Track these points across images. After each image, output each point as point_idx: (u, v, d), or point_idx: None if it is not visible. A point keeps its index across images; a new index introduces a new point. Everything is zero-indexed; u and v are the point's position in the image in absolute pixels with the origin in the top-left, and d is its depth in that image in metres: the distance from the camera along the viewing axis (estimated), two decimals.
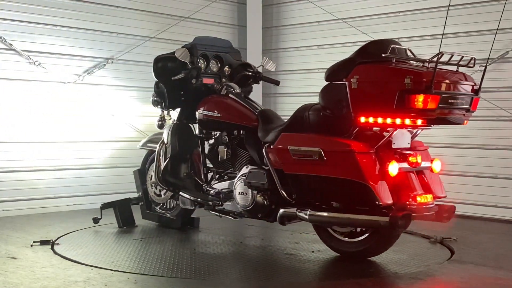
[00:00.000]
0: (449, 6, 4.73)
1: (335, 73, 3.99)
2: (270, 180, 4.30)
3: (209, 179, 4.98)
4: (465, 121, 3.99)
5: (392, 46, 3.83)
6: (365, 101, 3.80)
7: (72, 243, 4.73)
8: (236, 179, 4.58)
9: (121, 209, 5.34)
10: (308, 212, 4.07)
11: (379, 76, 3.78)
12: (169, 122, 5.17)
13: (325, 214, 4.04)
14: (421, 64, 3.82)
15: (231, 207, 4.65)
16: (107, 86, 6.67)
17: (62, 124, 6.35)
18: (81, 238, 4.92)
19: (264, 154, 4.28)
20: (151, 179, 5.39)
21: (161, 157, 5.06)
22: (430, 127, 3.99)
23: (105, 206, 5.31)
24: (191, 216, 5.36)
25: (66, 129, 6.36)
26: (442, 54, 3.61)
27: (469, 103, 3.92)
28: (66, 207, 6.23)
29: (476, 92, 3.94)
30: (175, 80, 4.87)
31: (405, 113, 3.66)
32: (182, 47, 4.89)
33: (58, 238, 4.82)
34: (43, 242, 4.65)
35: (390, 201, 3.81)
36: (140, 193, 5.49)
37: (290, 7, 7.79)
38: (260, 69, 5.17)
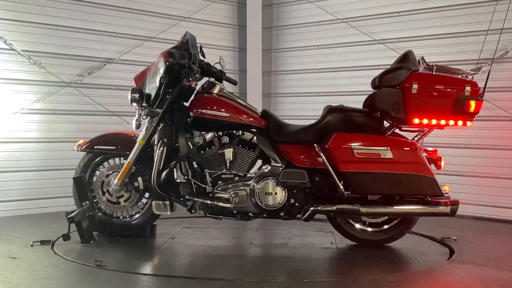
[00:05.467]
0: None
1: (388, 79, 4.43)
2: (312, 179, 4.54)
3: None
4: None
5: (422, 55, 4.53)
6: (423, 104, 4.34)
7: (72, 243, 4.70)
8: (256, 179, 4.60)
9: (84, 222, 4.75)
10: (359, 207, 4.46)
11: (440, 83, 4.37)
12: (144, 122, 4.80)
13: (385, 207, 4.48)
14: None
15: (247, 208, 4.61)
16: (108, 86, 6.66)
17: (62, 124, 6.35)
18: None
19: (320, 153, 4.47)
20: (106, 185, 4.94)
21: (160, 161, 4.64)
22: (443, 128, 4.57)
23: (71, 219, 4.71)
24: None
25: (66, 129, 6.36)
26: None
27: None
28: (66, 207, 6.22)
29: None
30: (178, 78, 4.66)
31: (460, 116, 4.33)
32: (179, 43, 4.77)
33: (57, 238, 4.81)
34: (43, 242, 4.65)
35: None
36: (86, 203, 4.90)
37: (290, 7, 7.79)
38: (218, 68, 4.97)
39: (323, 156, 4.46)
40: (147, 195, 5.02)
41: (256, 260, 4.49)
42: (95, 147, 4.99)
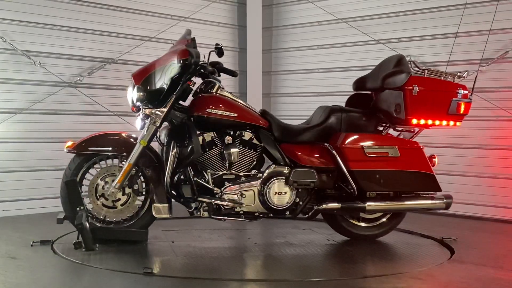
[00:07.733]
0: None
1: (391, 81, 4.63)
2: (320, 178, 4.65)
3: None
4: None
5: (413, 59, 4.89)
6: (422, 106, 4.57)
7: (71, 244, 4.64)
8: (264, 179, 4.60)
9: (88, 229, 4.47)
10: (366, 204, 4.64)
11: (437, 86, 4.64)
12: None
13: (388, 203, 4.73)
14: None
15: (255, 208, 4.62)
16: (108, 86, 6.66)
17: (62, 124, 6.34)
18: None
19: (334, 152, 4.62)
20: (100, 189, 4.69)
21: (173, 163, 4.48)
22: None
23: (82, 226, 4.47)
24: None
25: (66, 129, 6.35)
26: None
27: None
28: None
29: None
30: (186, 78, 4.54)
31: (452, 117, 4.65)
32: (188, 41, 4.59)
33: (58, 238, 4.81)
34: (43, 242, 4.65)
35: None
36: (81, 207, 4.56)
37: (290, 7, 7.80)
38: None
39: (337, 156, 4.60)
40: (140, 198, 4.80)
41: (269, 260, 4.47)
42: (89, 148, 4.69)
